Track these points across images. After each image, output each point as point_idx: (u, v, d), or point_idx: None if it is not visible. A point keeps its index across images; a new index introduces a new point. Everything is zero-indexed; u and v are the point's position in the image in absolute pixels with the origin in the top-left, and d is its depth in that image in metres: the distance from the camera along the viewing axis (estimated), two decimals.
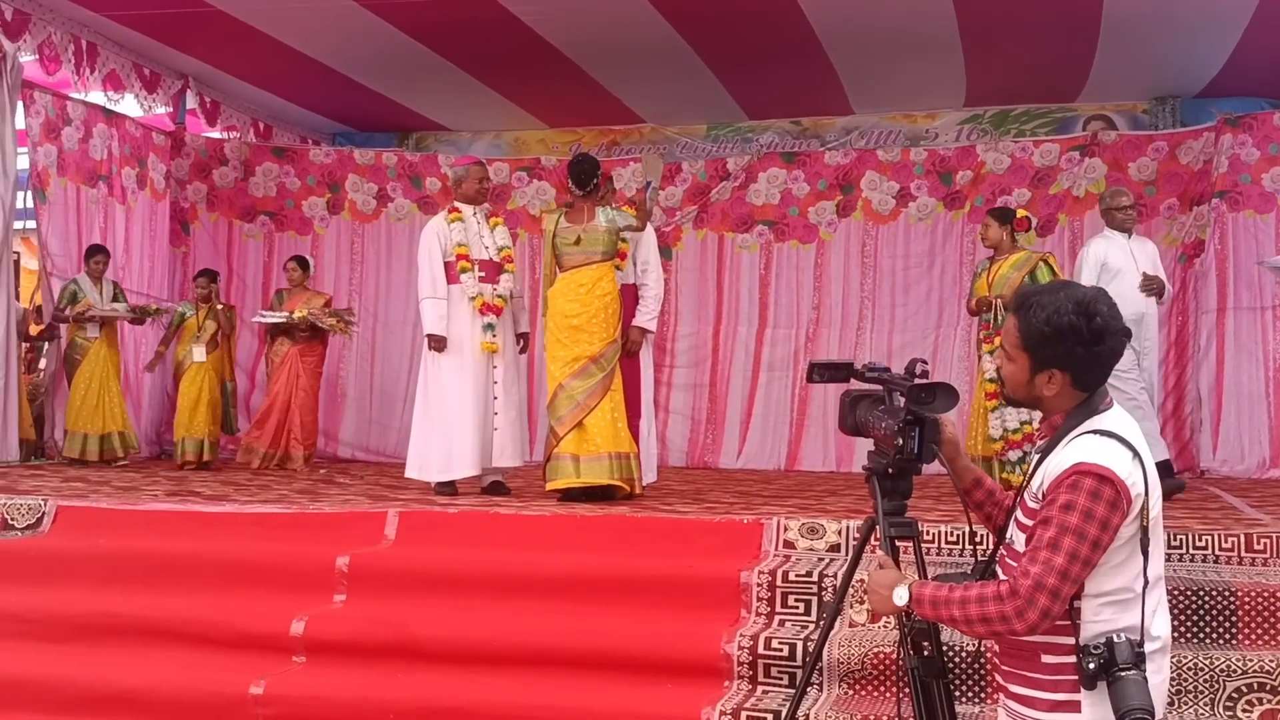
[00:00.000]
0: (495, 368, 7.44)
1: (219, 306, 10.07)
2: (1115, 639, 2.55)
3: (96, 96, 10.23)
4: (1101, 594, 2.60)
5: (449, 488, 7.41)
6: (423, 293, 7.62)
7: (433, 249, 7.56)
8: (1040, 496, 2.63)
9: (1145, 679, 2.53)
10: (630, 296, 7.50)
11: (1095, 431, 2.62)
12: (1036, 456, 2.74)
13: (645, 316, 7.49)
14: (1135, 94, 11.23)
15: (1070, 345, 2.62)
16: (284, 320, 9.83)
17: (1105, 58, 10.03)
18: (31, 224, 10.29)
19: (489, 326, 7.40)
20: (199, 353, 9.86)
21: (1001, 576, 2.70)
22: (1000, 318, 7.79)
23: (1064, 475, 2.57)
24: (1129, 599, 2.60)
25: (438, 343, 7.46)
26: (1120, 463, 2.56)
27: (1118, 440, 2.59)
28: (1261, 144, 9.89)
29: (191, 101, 11.16)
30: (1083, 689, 2.59)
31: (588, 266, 7.12)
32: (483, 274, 7.48)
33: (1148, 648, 2.58)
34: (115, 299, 9.90)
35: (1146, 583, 2.61)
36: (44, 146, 9.68)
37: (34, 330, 10.44)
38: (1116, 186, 9.09)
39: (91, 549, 5.79)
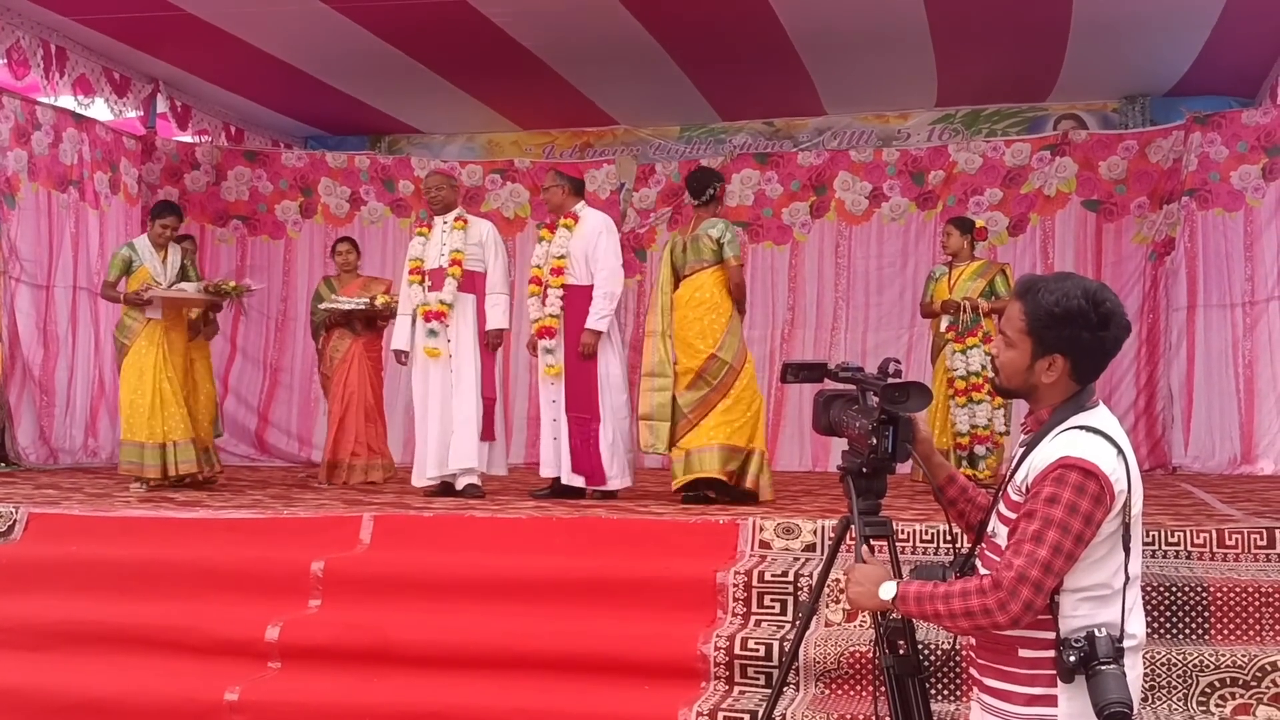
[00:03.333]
0: (452, 372, 7.50)
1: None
2: (1096, 633, 2.57)
3: (66, 101, 10.16)
4: (1080, 589, 2.61)
5: (433, 489, 7.51)
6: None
7: (405, 266, 7.79)
8: (1024, 490, 2.64)
9: (1124, 674, 2.55)
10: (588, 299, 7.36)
11: (1081, 427, 2.63)
12: (1021, 450, 2.75)
13: (594, 317, 7.24)
14: (1105, 93, 11.30)
15: (1078, 329, 2.63)
16: (361, 308, 8.78)
17: (1075, 57, 10.09)
18: None
19: (431, 333, 7.51)
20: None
21: (982, 570, 2.71)
22: (969, 319, 7.96)
23: (1050, 469, 2.58)
24: (1107, 595, 2.62)
25: (397, 358, 7.79)
26: (1105, 458, 2.58)
27: (1103, 437, 2.61)
28: (1230, 142, 9.96)
29: (162, 105, 11.09)
30: (1060, 682, 2.60)
31: (693, 275, 7.18)
32: (430, 282, 7.58)
33: (1124, 644, 2.60)
34: (186, 277, 8.28)
35: (1127, 579, 2.63)
36: (14, 151, 9.60)
37: None
38: None
39: (64, 556, 5.75)
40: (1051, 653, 2.61)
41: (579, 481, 7.29)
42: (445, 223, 7.67)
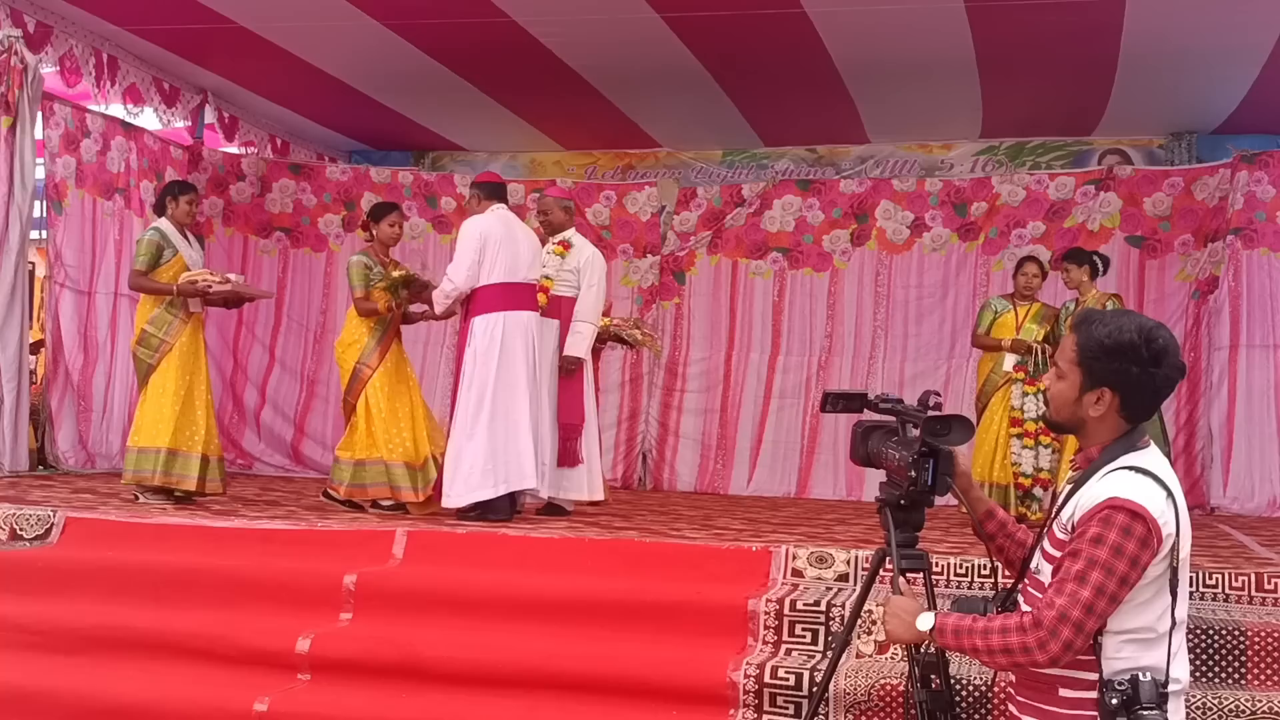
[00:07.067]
0: None
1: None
2: (1141, 677, 2.54)
3: (116, 109, 10.27)
4: (1124, 631, 2.59)
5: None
6: None
7: None
8: (1070, 528, 2.62)
9: (1167, 719, 2.52)
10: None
11: (1131, 468, 2.61)
12: (1068, 488, 2.73)
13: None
14: (1152, 129, 11.23)
15: (1127, 363, 2.62)
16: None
17: (1122, 92, 10.04)
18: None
19: None
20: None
21: (1024, 607, 2.69)
22: (1042, 362, 7.91)
23: (1097, 509, 2.56)
24: (1151, 639, 2.59)
25: None
26: (1154, 501, 2.55)
27: (1153, 479, 2.58)
28: (1277, 181, 9.89)
29: (210, 116, 11.19)
30: None
31: None
32: None
33: (1169, 689, 2.57)
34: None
35: (1173, 623, 2.60)
36: (62, 158, 9.71)
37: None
38: None
39: (99, 561, 5.79)
40: (1093, 693, 2.58)
41: None
42: (550, 245, 7.64)
